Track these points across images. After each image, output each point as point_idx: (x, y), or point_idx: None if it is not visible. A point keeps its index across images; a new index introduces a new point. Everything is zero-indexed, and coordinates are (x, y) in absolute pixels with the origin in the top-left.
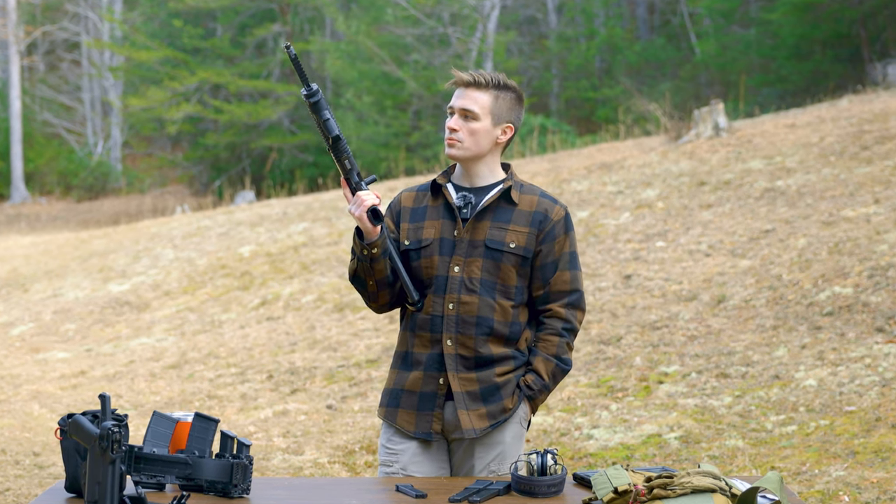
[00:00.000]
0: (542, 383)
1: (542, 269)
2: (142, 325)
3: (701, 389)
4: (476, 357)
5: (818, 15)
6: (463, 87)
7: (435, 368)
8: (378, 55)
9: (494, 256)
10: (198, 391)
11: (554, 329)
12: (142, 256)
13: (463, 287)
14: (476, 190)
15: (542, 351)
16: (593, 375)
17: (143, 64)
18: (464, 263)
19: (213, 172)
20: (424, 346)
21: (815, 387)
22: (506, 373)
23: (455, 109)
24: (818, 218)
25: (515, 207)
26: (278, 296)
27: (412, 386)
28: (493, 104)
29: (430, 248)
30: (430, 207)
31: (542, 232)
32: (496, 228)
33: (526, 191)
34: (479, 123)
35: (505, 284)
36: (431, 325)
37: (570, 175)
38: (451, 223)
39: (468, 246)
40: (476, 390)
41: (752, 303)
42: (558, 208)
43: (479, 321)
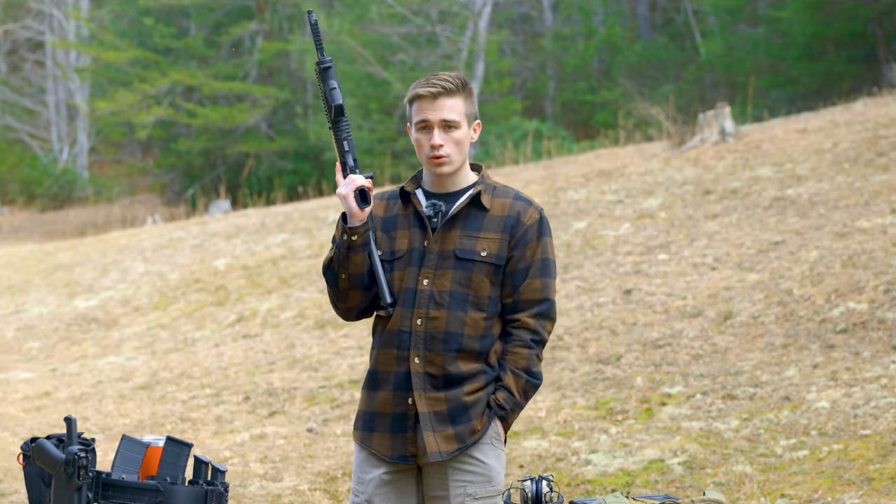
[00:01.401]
0: (513, 401)
1: (512, 276)
2: (110, 344)
3: (706, 412)
4: (444, 375)
5: (831, 12)
6: (431, 98)
7: (403, 388)
8: (362, 55)
9: (465, 267)
10: (170, 413)
11: (522, 341)
12: (110, 270)
13: (432, 301)
14: (446, 196)
15: (511, 365)
16: (591, 397)
17: (112, 65)
18: (433, 276)
19: (186, 180)
20: (390, 363)
21: (827, 409)
22: (475, 390)
23: (433, 123)
24: (831, 229)
25: (487, 213)
26: (255, 312)
27: (383, 407)
28: (465, 106)
29: (402, 259)
30: (401, 216)
31: (514, 237)
32: (466, 237)
33: (499, 194)
34: (461, 131)
35: (477, 296)
36: (399, 341)
37: (567, 183)
38: (421, 233)
39: (437, 257)
40: (444, 410)
41: (760, 319)
42: (532, 211)
43: (448, 337)
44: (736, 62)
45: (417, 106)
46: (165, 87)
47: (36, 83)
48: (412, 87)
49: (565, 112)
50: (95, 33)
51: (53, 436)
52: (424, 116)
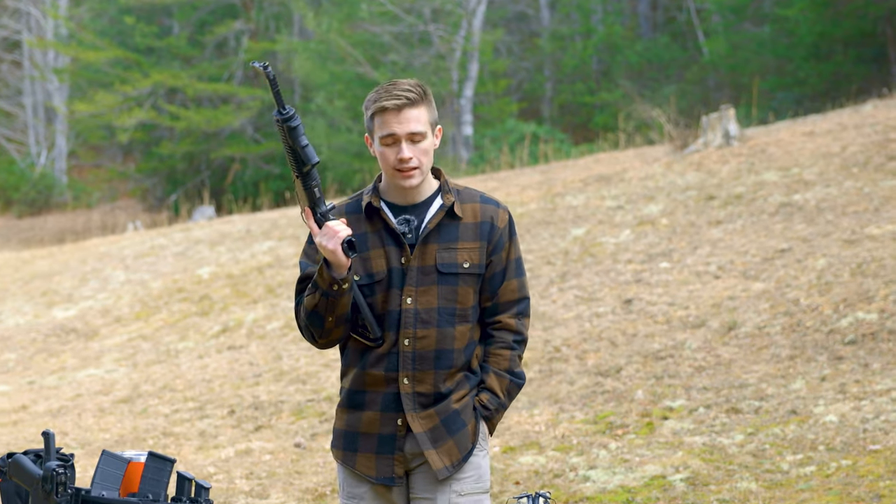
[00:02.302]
0: (497, 402)
1: (490, 281)
2: (89, 355)
3: (709, 426)
4: (435, 394)
5: (839, 11)
6: (396, 111)
7: (392, 409)
8: (352, 55)
9: (449, 281)
10: (152, 428)
11: (505, 342)
12: (89, 279)
13: (418, 320)
14: (414, 208)
15: (494, 367)
16: (590, 410)
17: (91, 65)
18: (416, 294)
19: (169, 185)
20: (378, 384)
21: (836, 423)
22: (462, 397)
23: (400, 136)
24: (839, 236)
25: (460, 221)
26: (241, 322)
27: (368, 428)
28: (429, 114)
29: (383, 282)
30: (371, 234)
31: (491, 243)
32: (445, 249)
33: (465, 198)
34: (427, 141)
35: (464, 308)
36: (387, 362)
37: (565, 188)
38: (397, 250)
39: (418, 273)
40: (438, 424)
41: (766, 330)
42: (502, 213)
43: (439, 355)
44: (740, 62)
45: (382, 119)
46: (147, 88)
47: (13, 84)
48: (372, 98)
49: (563, 114)
50: (74, 32)
51: (31, 451)
52: (391, 130)
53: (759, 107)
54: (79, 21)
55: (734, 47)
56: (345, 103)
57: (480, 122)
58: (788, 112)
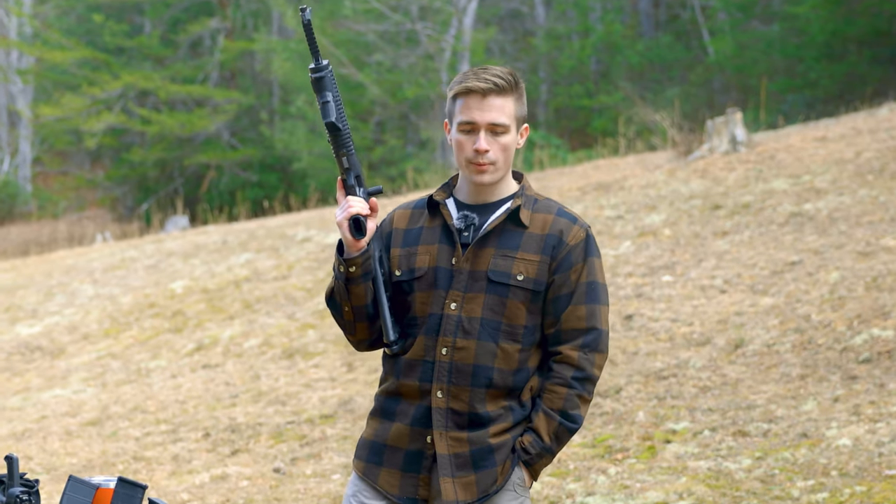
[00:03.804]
0: (541, 445)
1: (554, 303)
2: (56, 374)
3: (715, 450)
4: (471, 414)
5: (853, 8)
6: (481, 96)
7: (422, 423)
8: (334, 55)
9: (499, 291)
10: (122, 452)
11: (562, 378)
12: (55, 293)
13: (460, 329)
14: (481, 208)
15: (546, 405)
16: (588, 433)
17: (57, 66)
18: (462, 299)
19: (140, 194)
20: (411, 396)
21: (849, 447)
22: (502, 431)
23: (479, 125)
24: (853, 248)
25: (525, 230)
26: (216, 340)
27: (396, 441)
28: (516, 108)
29: (423, 279)
30: (426, 229)
31: (555, 259)
32: (501, 257)
33: (540, 208)
34: (510, 136)
35: (511, 325)
36: (421, 372)
37: (561, 197)
38: (448, 249)
39: (468, 278)
40: (466, 453)
41: (775, 348)
42: (577, 229)
43: (477, 371)
44: (748, 63)
45: (464, 103)
46: (117, 90)
47: None
48: (458, 79)
49: (559, 118)
50: (39, 31)
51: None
52: (471, 117)
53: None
54: (44, 19)
55: (741, 47)
56: None
57: None
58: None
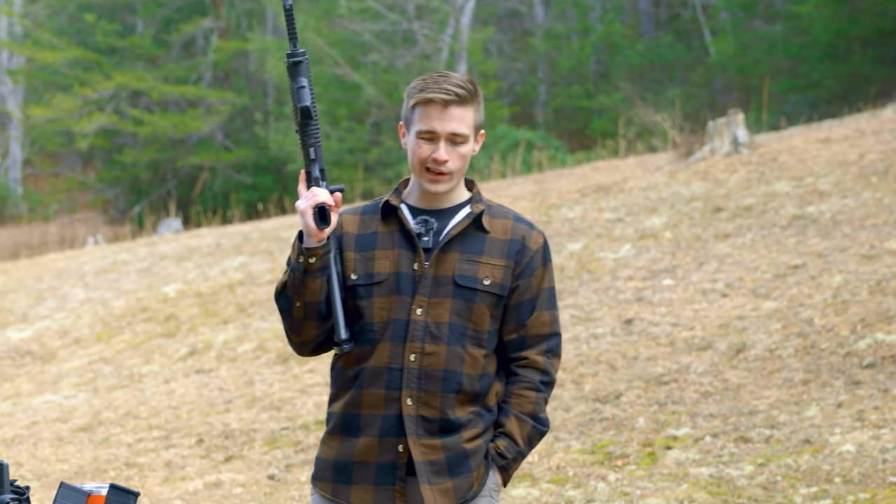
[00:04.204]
0: (516, 450)
1: (517, 309)
2: (46, 380)
3: (717, 456)
4: (441, 420)
5: (857, 8)
6: (442, 106)
7: (392, 433)
8: (330, 55)
9: (465, 296)
10: (114, 458)
11: (530, 382)
12: (46, 297)
13: (427, 334)
14: (437, 213)
15: (516, 409)
16: (587, 440)
17: (48, 66)
18: (428, 305)
19: (132, 196)
20: (377, 406)
21: (853, 453)
22: (475, 437)
23: (440, 135)
24: (857, 251)
25: (487, 235)
26: (210, 344)
27: (364, 456)
28: (475, 117)
29: (384, 284)
30: (382, 234)
31: (519, 265)
32: (466, 261)
33: (497, 214)
34: (468, 146)
35: (477, 330)
36: (388, 380)
37: (560, 199)
38: (409, 254)
39: (433, 283)
40: (441, 460)
41: (777, 353)
42: (536, 235)
43: (447, 376)
44: (750, 63)
45: (423, 111)
46: (109, 91)
47: None
48: (418, 86)
49: (558, 119)
50: (30, 31)
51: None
52: (432, 127)
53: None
54: (34, 19)
55: (743, 47)
56: (322, 107)
57: None
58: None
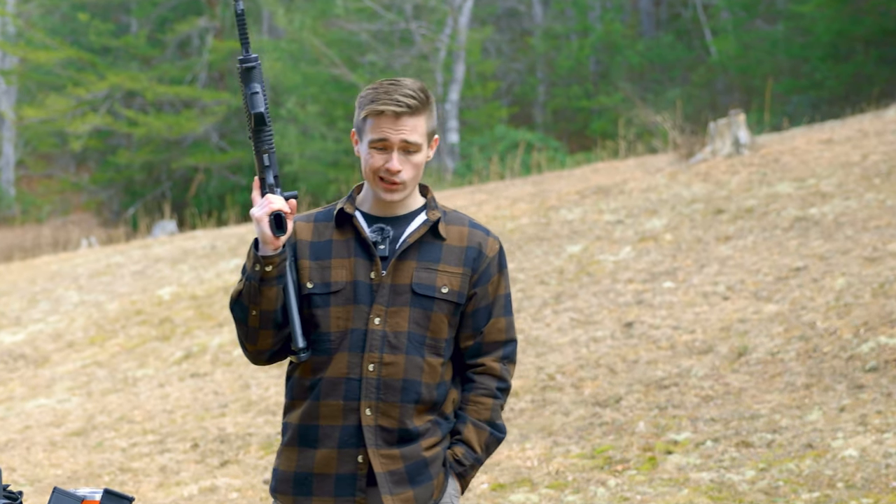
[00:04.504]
0: (474, 457)
1: (474, 316)
2: (40, 384)
3: (718, 461)
4: (400, 430)
5: (860, 7)
6: (394, 116)
7: (351, 444)
8: (326, 56)
9: (424, 304)
10: (108, 463)
11: (487, 389)
12: (39, 300)
13: (386, 344)
14: (392, 220)
15: (473, 416)
16: (587, 444)
17: (42, 66)
18: (386, 314)
19: (126, 198)
20: (335, 417)
21: (856, 458)
22: (433, 445)
23: (393, 144)
24: (860, 253)
25: (444, 242)
26: (205, 347)
27: (324, 467)
28: (428, 124)
29: (341, 294)
30: (337, 242)
31: (476, 272)
32: (424, 269)
33: (452, 220)
34: (422, 154)
35: (435, 338)
36: (346, 390)
37: (560, 201)
38: (366, 263)
39: (390, 292)
40: (401, 469)
41: (779, 356)
42: (492, 241)
43: (406, 386)
44: (751, 63)
45: (375, 122)
46: (103, 91)
47: None
48: (369, 96)
49: (557, 120)
50: (23, 31)
51: None
52: (384, 135)
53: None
54: (27, 18)
55: (745, 47)
56: (319, 108)
57: (467, 129)
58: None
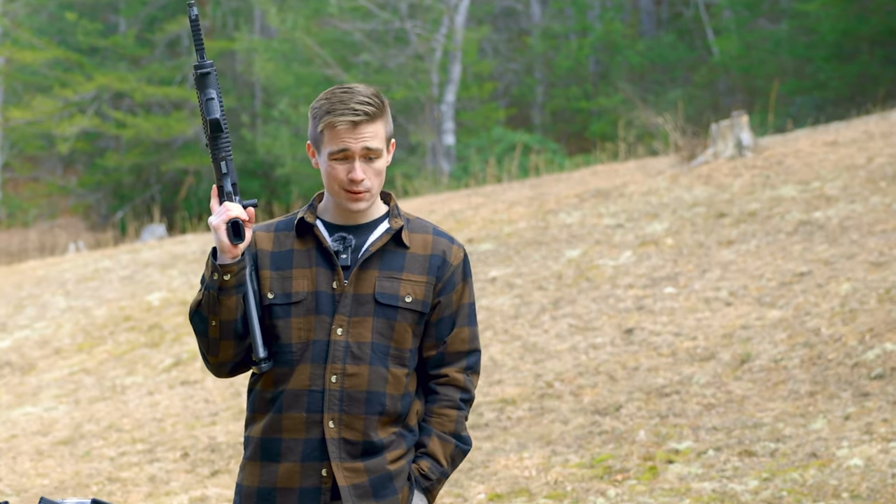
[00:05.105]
0: (440, 470)
1: (437, 326)
2: (26, 391)
3: (720, 470)
4: (365, 443)
5: (865, 6)
6: (352, 126)
7: (315, 457)
8: (319, 56)
9: (387, 314)
10: (96, 473)
11: (451, 401)
12: (26, 305)
13: (349, 355)
14: (354, 229)
15: (438, 429)
16: (586, 453)
17: (28, 67)
18: (348, 324)
19: (115, 201)
20: (297, 430)
21: (861, 467)
22: (398, 458)
23: (354, 153)
24: (865, 258)
25: (407, 251)
26: (195, 354)
27: (287, 482)
28: (385, 129)
29: (303, 304)
30: (298, 252)
31: (440, 280)
32: (386, 278)
33: (415, 228)
34: (382, 160)
35: (399, 348)
36: (308, 403)
37: (558, 205)
38: (328, 273)
39: (353, 302)
40: (365, 483)
41: (783, 363)
42: (456, 249)
43: (370, 398)
44: (754, 64)
45: (332, 133)
46: (90, 92)
47: None
48: (323, 107)
49: (556, 122)
50: (9, 30)
51: None
52: (345, 145)
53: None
54: (13, 17)
55: (748, 47)
56: None
57: (463, 131)
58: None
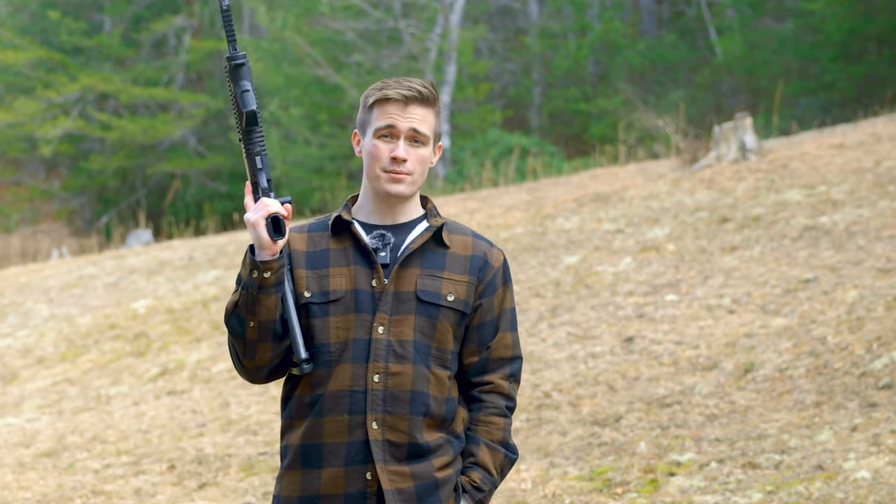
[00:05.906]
0: (491, 481)
1: (479, 330)
2: (8, 402)
3: (723, 483)
4: (410, 444)
5: (872, 5)
6: (403, 103)
7: (359, 461)
8: (310, 56)
9: (429, 312)
10: (79, 485)
11: (497, 408)
12: (7, 313)
13: (391, 353)
14: (392, 228)
15: (486, 437)
16: (585, 465)
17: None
18: (389, 322)
19: (99, 206)
20: (340, 433)
21: (868, 480)
22: (446, 465)
23: (400, 131)
24: (872, 264)
25: (448, 250)
26: (182, 364)
27: (332, 488)
28: (435, 122)
29: (341, 303)
30: (335, 251)
31: (482, 282)
32: (428, 276)
33: (455, 230)
34: (427, 149)
35: (441, 349)
36: (351, 404)
37: (556, 209)
38: (367, 271)
39: (394, 300)
40: (411, 488)
41: (787, 373)
42: (496, 252)
43: (414, 397)
44: (758, 64)
45: (382, 110)
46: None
47: None
48: (377, 86)
49: (554, 124)
50: None
51: None
52: (392, 122)
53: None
54: None
55: (751, 46)
56: (302, 111)
57: (459, 133)
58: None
